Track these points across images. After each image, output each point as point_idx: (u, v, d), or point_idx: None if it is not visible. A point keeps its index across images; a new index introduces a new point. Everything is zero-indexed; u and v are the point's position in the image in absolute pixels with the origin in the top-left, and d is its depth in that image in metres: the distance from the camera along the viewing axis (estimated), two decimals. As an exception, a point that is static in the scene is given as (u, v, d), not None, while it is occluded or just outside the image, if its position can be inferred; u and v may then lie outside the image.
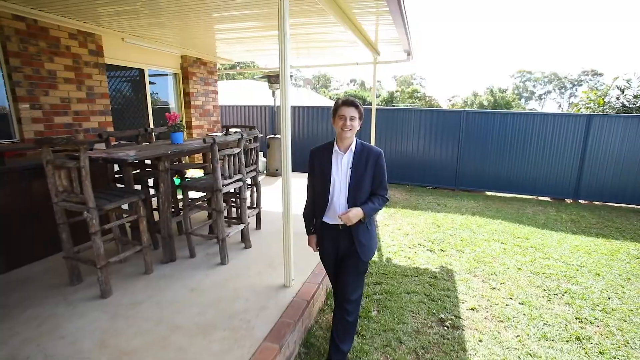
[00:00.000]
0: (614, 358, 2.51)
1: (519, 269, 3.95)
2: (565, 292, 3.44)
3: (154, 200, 3.94)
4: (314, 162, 2.17)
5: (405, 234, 4.94)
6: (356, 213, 2.00)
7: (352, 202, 2.07)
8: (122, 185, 3.40)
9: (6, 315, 2.39)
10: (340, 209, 2.08)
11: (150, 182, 3.84)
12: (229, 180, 3.11)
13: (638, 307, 3.21)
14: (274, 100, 7.31)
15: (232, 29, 5.34)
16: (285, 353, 2.22)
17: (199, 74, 7.37)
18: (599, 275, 3.85)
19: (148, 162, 3.72)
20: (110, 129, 5.42)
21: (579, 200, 7.43)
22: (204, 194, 3.71)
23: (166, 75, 6.99)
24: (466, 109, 9.09)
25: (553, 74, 49.87)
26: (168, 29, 5.36)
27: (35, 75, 4.37)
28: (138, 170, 3.71)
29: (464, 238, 4.84)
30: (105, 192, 2.88)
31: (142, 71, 6.27)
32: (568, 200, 7.47)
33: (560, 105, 48.48)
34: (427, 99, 39.52)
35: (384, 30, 5.05)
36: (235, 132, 3.30)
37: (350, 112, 2.01)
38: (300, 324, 2.47)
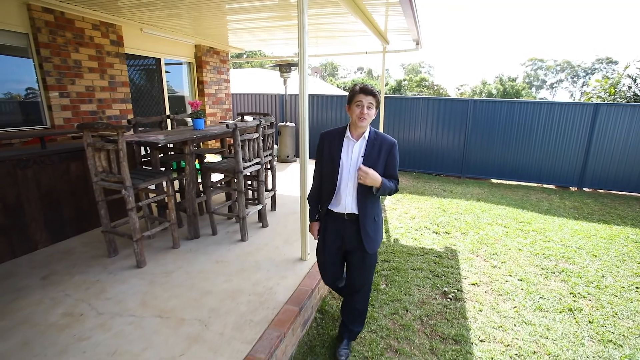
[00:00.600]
0: (602, 326, 2.75)
1: (519, 250, 4.17)
2: (562, 271, 3.66)
3: (175, 182, 4.23)
4: (323, 146, 2.08)
5: (412, 217, 5.18)
6: (375, 177, 1.90)
7: (361, 192, 2.01)
8: (149, 168, 3.68)
9: (58, 280, 2.70)
10: (347, 199, 2.03)
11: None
12: (249, 163, 3.36)
13: (630, 285, 3.43)
14: (285, 88, 7.49)
15: (244, 19, 5.51)
16: (304, 315, 2.50)
17: (212, 62, 7.57)
18: (595, 256, 4.06)
19: (170, 145, 4.00)
20: (131, 116, 5.69)
21: (584, 189, 7.56)
22: (222, 177, 3.99)
23: (181, 64, 7.20)
24: (474, 97, 9.15)
25: (566, 62, 48.74)
26: (183, 19, 5.56)
27: (63, 65, 4.63)
28: (161, 155, 3.99)
29: (468, 222, 5.06)
30: (137, 172, 3.16)
31: (158, 60, 6.50)
32: (573, 188, 7.61)
33: (572, 94, 47.48)
34: (436, 88, 39.19)
35: (393, 20, 5.18)
36: (255, 119, 3.52)
37: (368, 100, 1.91)
38: (316, 291, 2.74)
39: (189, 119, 7.03)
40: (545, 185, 7.76)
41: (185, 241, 3.45)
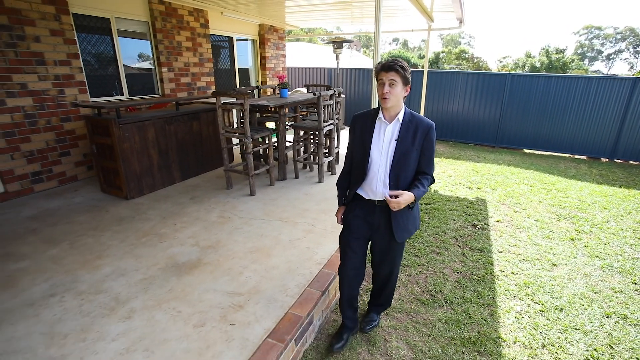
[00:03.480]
0: (594, 249, 3.67)
1: (540, 202, 5.03)
2: (573, 217, 4.52)
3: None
4: (355, 129, 1.97)
5: (449, 176, 6.11)
6: (407, 199, 1.80)
7: (394, 179, 1.88)
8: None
9: (201, 200, 3.99)
10: (378, 185, 1.90)
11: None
12: (326, 123, 4.43)
13: (628, 228, 4.25)
14: (337, 62, 8.37)
15: (301, 4, 6.39)
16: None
17: (272, 39, 8.56)
18: (606, 209, 4.85)
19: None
20: (213, 87, 6.89)
21: (615, 160, 8.02)
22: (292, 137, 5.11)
23: (246, 40, 8.24)
24: (511, 72, 9.58)
25: (629, 29, 43.57)
26: (251, 5, 6.52)
27: (170, 45, 5.82)
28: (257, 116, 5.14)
29: (498, 181, 5.92)
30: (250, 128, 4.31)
31: (231, 39, 7.59)
32: (604, 159, 8.09)
33: (632, 66, 43.13)
34: (476, 60, 37.83)
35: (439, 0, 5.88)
36: (330, 90, 4.54)
37: (390, 76, 1.75)
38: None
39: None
40: (576, 156, 8.29)
41: (277, 182, 4.64)
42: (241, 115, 4.45)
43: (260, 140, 4.52)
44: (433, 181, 1.97)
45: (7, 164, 3.93)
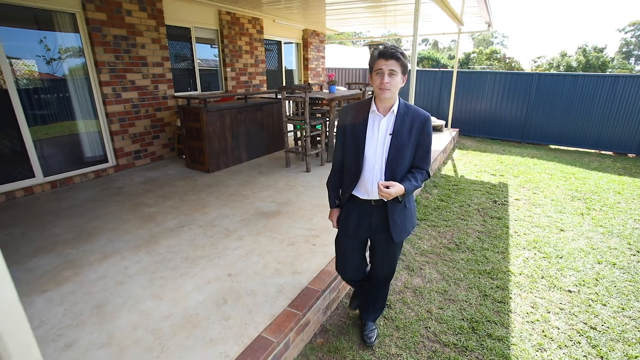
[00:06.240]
0: (600, 221, 4.28)
1: (557, 186, 5.62)
2: (587, 198, 5.10)
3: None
4: (345, 122, 1.83)
5: (475, 165, 6.78)
6: (398, 190, 1.65)
7: (389, 177, 1.76)
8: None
9: (267, 174, 4.95)
10: (374, 184, 1.78)
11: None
12: (368, 114, 5.28)
13: (637, 208, 4.79)
14: (373, 64, 9.20)
15: (340, 14, 7.27)
16: (408, 197, 4.43)
17: (314, 43, 9.51)
18: (619, 193, 5.38)
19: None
20: (265, 85, 7.90)
21: (641, 156, 8.32)
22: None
23: (291, 43, 9.23)
24: (539, 71, 10.01)
25: None
26: (297, 14, 7.47)
27: (233, 49, 6.87)
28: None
29: (520, 170, 6.52)
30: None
31: (279, 42, 8.59)
32: (630, 155, 8.39)
33: None
34: (508, 61, 37.22)
35: (467, 5, 6.56)
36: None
37: (390, 65, 1.62)
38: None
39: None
40: (602, 152, 8.63)
41: (325, 162, 5.54)
42: (301, 107, 5.38)
43: (310, 127, 5.44)
44: (428, 177, 1.84)
45: (119, 143, 5.07)
